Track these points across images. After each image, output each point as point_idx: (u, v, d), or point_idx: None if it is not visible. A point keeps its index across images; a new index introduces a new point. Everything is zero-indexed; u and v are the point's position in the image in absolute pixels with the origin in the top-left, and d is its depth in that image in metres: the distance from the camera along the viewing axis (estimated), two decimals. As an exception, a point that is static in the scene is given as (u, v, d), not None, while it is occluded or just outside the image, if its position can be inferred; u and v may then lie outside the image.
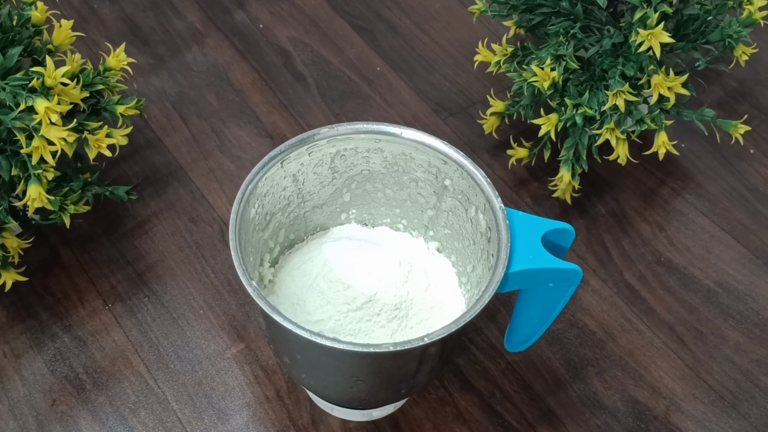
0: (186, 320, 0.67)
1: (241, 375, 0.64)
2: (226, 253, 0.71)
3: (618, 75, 0.66)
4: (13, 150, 0.59)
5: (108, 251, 0.71)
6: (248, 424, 0.61)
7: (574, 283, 0.54)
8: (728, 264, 0.72)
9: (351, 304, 0.56)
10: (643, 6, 0.64)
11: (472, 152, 0.79)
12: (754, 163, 0.80)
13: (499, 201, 0.54)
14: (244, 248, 0.52)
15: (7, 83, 0.58)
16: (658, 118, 0.68)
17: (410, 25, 0.91)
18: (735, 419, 0.63)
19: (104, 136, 0.62)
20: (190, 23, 0.90)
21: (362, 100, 0.83)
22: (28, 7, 0.63)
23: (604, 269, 0.72)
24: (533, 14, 0.71)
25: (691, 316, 0.69)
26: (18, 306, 0.67)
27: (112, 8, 0.91)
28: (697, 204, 0.77)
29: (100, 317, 0.67)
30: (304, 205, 0.61)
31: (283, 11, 0.91)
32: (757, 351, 0.67)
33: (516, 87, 0.69)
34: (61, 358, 0.64)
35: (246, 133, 0.80)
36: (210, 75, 0.85)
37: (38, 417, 0.61)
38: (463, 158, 0.56)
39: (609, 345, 0.67)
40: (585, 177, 0.75)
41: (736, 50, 0.69)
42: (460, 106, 0.83)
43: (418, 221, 0.63)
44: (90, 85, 0.63)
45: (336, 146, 0.58)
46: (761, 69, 0.87)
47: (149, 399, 0.62)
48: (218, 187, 0.76)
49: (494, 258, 0.52)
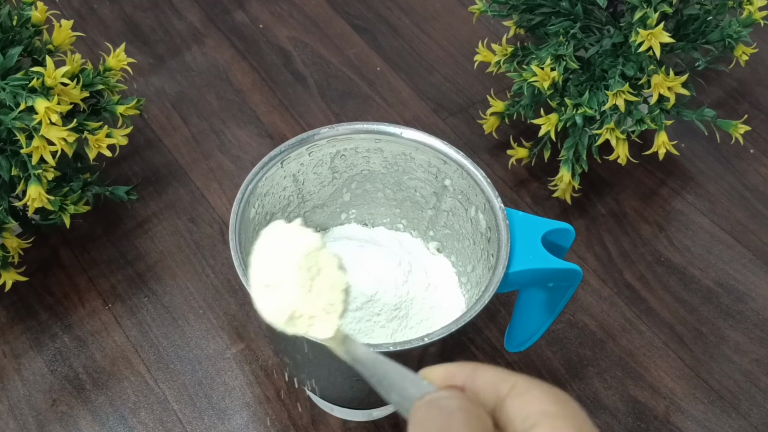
0: (186, 320, 0.67)
1: (241, 375, 0.64)
2: (226, 253, 0.71)
3: (618, 75, 0.66)
4: (13, 150, 0.59)
5: (108, 251, 0.71)
6: (248, 424, 0.62)
7: (574, 283, 0.54)
8: (728, 264, 0.72)
9: (351, 304, 0.56)
10: (643, 6, 0.64)
11: (472, 152, 0.79)
12: (754, 163, 0.80)
13: (499, 201, 0.54)
14: (244, 248, 0.52)
15: (7, 83, 0.58)
16: (658, 118, 0.68)
17: (410, 25, 0.91)
18: (735, 419, 0.63)
19: (104, 136, 0.62)
20: (190, 23, 0.90)
21: (362, 100, 0.83)
22: (28, 7, 0.63)
23: (604, 269, 0.72)
24: (533, 14, 0.71)
25: (691, 316, 0.69)
26: (18, 306, 0.67)
27: (112, 8, 0.91)
28: (697, 204, 0.77)
29: (100, 317, 0.67)
30: (304, 205, 0.62)
31: (283, 11, 0.91)
32: (757, 351, 0.67)
33: (516, 87, 0.69)
34: (61, 358, 0.64)
35: (246, 133, 0.80)
36: (210, 75, 0.85)
37: (38, 417, 0.61)
38: (463, 158, 0.56)
39: (609, 345, 0.67)
40: (585, 177, 0.75)
41: (736, 50, 0.69)
42: (460, 106, 0.83)
43: (418, 221, 0.63)
44: (90, 85, 0.63)
45: (336, 146, 0.58)
46: (761, 69, 0.87)
47: (149, 399, 0.62)
48: (218, 187, 0.76)
49: (494, 258, 0.52)
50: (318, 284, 0.38)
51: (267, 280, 0.38)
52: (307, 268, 0.38)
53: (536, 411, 0.27)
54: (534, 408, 0.27)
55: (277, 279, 0.38)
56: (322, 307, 0.38)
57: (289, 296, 0.38)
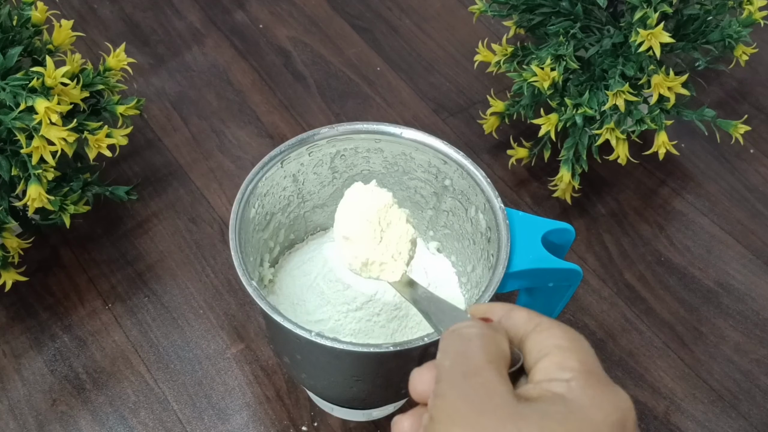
0: (186, 320, 0.67)
1: (241, 375, 0.64)
2: (226, 253, 0.71)
3: (618, 75, 0.66)
4: (13, 150, 0.59)
5: (108, 251, 0.71)
6: (248, 424, 0.62)
7: (574, 283, 0.54)
8: (728, 264, 0.72)
9: (351, 304, 0.56)
10: (643, 6, 0.64)
11: (472, 152, 0.79)
12: (754, 163, 0.80)
13: (499, 201, 0.54)
14: (244, 248, 0.52)
15: (7, 83, 0.58)
16: (658, 118, 0.68)
17: (410, 25, 0.91)
18: (735, 419, 0.63)
19: (104, 136, 0.62)
20: (190, 23, 0.90)
21: (362, 100, 0.83)
22: (28, 7, 0.63)
23: (604, 269, 0.72)
24: (533, 14, 0.71)
25: (691, 316, 0.69)
26: (18, 306, 0.67)
27: (112, 8, 0.91)
28: (697, 204, 0.77)
29: (100, 317, 0.67)
30: (304, 205, 0.62)
31: (283, 11, 0.91)
32: (757, 351, 0.67)
33: (516, 87, 0.69)
34: (61, 358, 0.64)
35: (246, 133, 0.80)
36: (210, 75, 0.85)
37: (38, 417, 0.61)
38: (463, 158, 0.56)
39: (609, 345, 0.67)
40: (585, 177, 0.75)
41: (736, 50, 0.69)
42: (460, 106, 0.83)
43: (418, 221, 0.63)
44: (90, 85, 0.63)
45: (336, 146, 0.58)
46: (761, 69, 0.87)
47: (149, 399, 0.62)
48: (218, 187, 0.76)
49: (494, 258, 0.52)
50: (388, 236, 0.46)
51: (346, 233, 0.47)
52: (378, 222, 0.46)
53: (550, 344, 0.31)
54: (549, 342, 0.31)
55: (354, 232, 0.46)
56: (391, 254, 0.46)
57: (363, 247, 0.46)
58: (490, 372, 0.30)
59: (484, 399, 0.29)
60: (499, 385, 0.29)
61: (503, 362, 0.31)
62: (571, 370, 0.30)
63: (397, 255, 0.47)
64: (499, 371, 0.30)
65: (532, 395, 0.30)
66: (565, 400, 0.29)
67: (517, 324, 0.33)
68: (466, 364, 0.30)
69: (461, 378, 0.30)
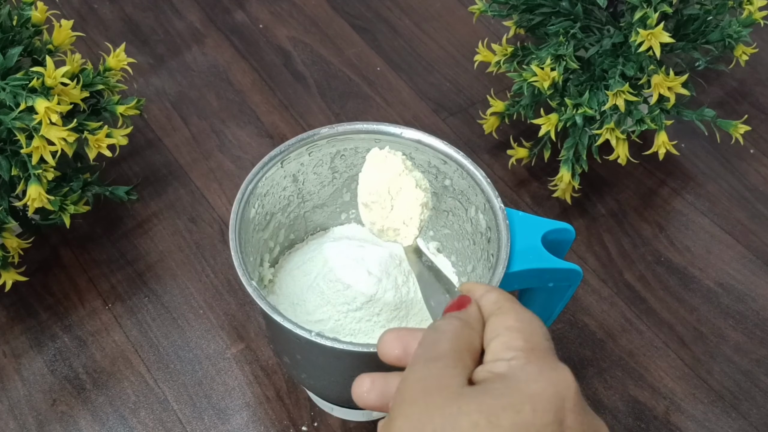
0: (186, 320, 0.67)
1: (241, 375, 0.64)
2: (226, 253, 0.71)
3: (618, 75, 0.66)
4: (13, 150, 0.59)
5: (108, 251, 0.71)
6: (248, 424, 0.62)
7: (574, 283, 0.54)
8: (728, 264, 0.72)
9: (351, 304, 0.56)
10: (643, 6, 0.64)
11: (472, 152, 0.79)
12: (754, 163, 0.80)
13: (499, 201, 0.54)
14: (244, 248, 0.52)
15: (7, 83, 0.58)
16: (658, 118, 0.68)
17: (410, 25, 0.91)
18: (735, 419, 0.63)
19: (104, 136, 0.62)
20: (190, 23, 0.90)
21: (362, 100, 0.83)
22: (28, 7, 0.63)
23: (604, 269, 0.72)
24: (533, 14, 0.71)
25: (691, 316, 0.69)
26: (18, 306, 0.67)
27: (112, 8, 0.91)
28: (697, 204, 0.77)
29: (100, 317, 0.67)
30: (304, 205, 0.62)
31: (283, 11, 0.91)
32: (757, 351, 0.67)
33: (516, 87, 0.69)
34: (61, 358, 0.64)
35: (246, 133, 0.80)
36: (210, 75, 0.85)
37: (38, 417, 0.61)
38: (463, 158, 0.56)
39: (609, 345, 0.67)
40: (585, 177, 0.75)
41: (736, 50, 0.69)
42: (460, 106, 0.83)
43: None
44: (90, 85, 0.63)
45: (336, 146, 0.58)
46: (761, 69, 0.87)
47: (149, 399, 0.62)
48: (218, 187, 0.76)
49: (494, 258, 0.52)
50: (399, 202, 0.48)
51: (364, 200, 0.49)
52: (388, 190, 0.48)
53: (501, 326, 0.33)
54: (501, 324, 0.33)
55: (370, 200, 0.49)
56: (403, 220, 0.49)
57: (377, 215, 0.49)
58: (449, 359, 0.32)
59: (435, 382, 0.31)
60: (453, 369, 0.32)
61: (468, 354, 0.33)
62: (515, 349, 0.32)
63: (409, 221, 0.48)
64: (459, 359, 0.32)
65: (479, 377, 0.32)
66: (505, 377, 0.31)
67: (486, 306, 0.35)
68: (431, 352, 0.33)
69: (423, 363, 0.32)
